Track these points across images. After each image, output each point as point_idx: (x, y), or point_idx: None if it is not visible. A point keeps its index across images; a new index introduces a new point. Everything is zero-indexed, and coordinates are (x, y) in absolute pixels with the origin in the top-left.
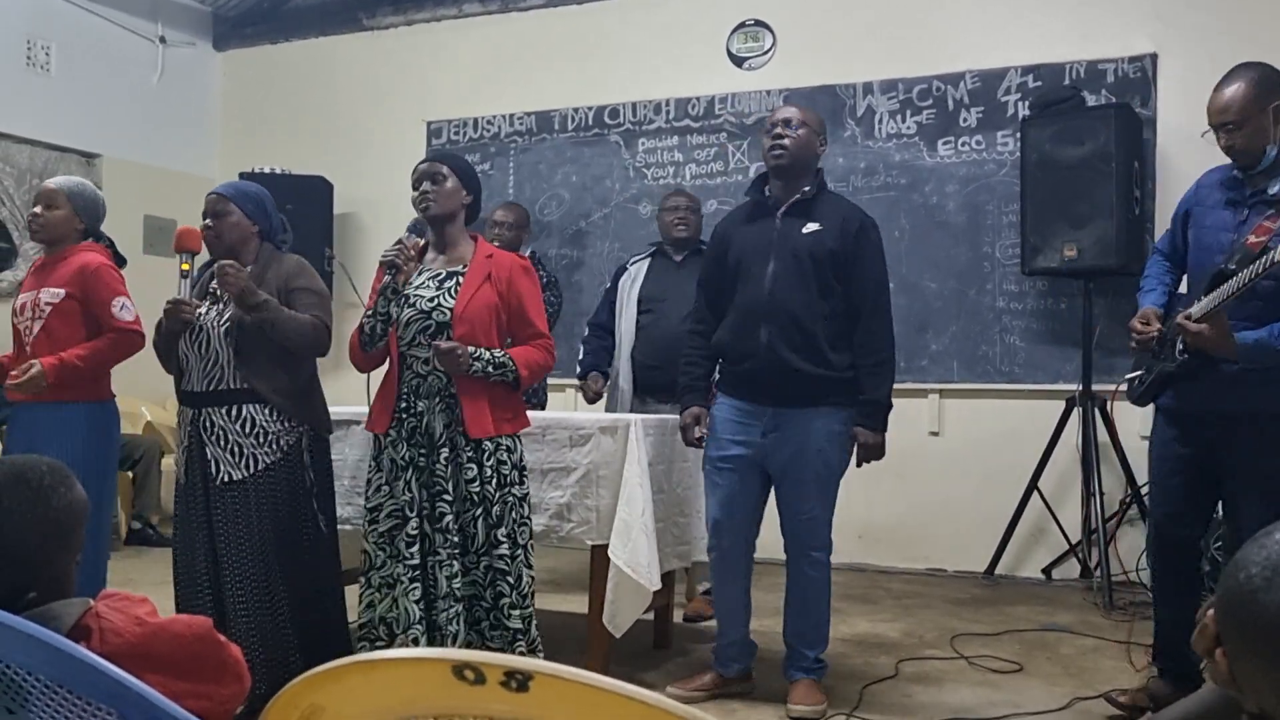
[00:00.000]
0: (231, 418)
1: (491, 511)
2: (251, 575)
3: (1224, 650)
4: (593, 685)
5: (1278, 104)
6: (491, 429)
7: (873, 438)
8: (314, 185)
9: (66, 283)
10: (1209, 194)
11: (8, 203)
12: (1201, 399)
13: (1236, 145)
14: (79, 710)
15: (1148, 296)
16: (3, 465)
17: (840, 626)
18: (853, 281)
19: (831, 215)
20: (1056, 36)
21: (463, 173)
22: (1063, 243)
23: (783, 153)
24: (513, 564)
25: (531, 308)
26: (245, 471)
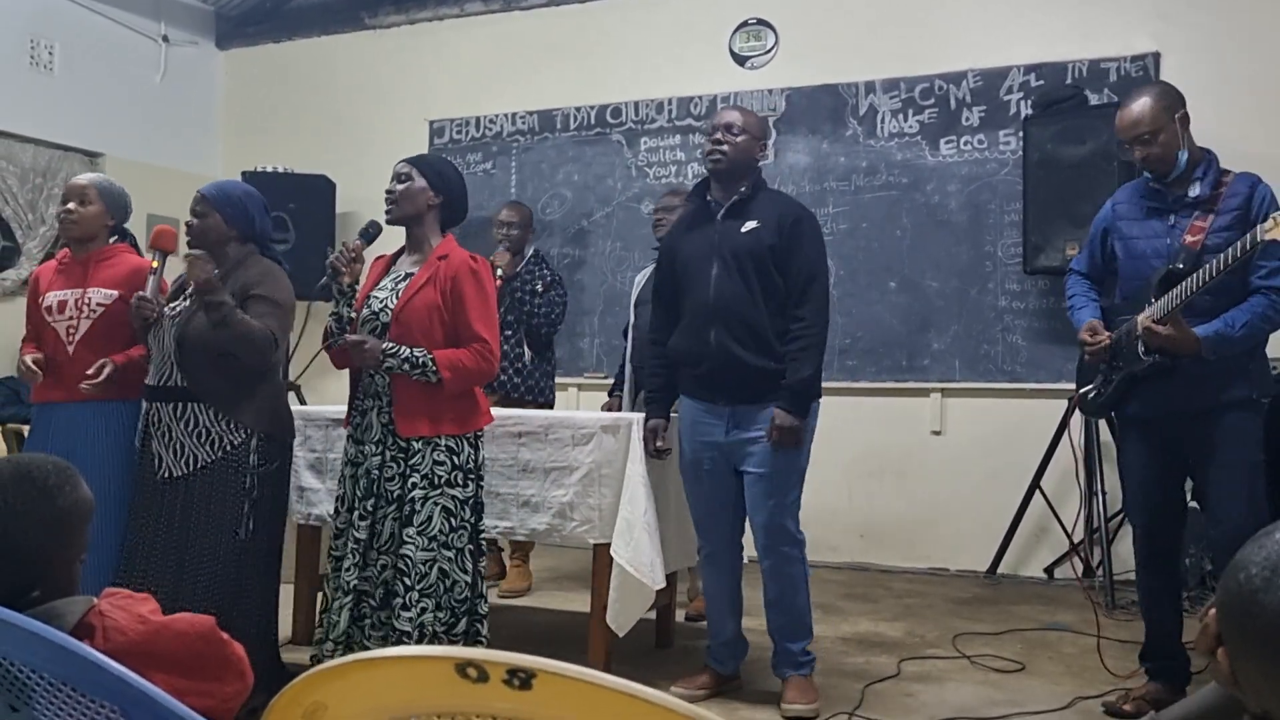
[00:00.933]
0: (176, 415)
1: (404, 510)
2: (168, 572)
3: (1225, 650)
4: (596, 683)
5: (1182, 113)
6: (425, 429)
7: (787, 420)
8: (316, 184)
9: (119, 284)
10: (1129, 208)
11: (11, 202)
12: (1166, 401)
13: (1153, 155)
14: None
15: (1082, 313)
16: (8, 464)
17: (842, 626)
18: (788, 273)
19: (768, 211)
20: (1058, 35)
21: (432, 173)
22: (1065, 242)
23: (721, 158)
24: (423, 566)
25: (472, 311)
26: (185, 469)
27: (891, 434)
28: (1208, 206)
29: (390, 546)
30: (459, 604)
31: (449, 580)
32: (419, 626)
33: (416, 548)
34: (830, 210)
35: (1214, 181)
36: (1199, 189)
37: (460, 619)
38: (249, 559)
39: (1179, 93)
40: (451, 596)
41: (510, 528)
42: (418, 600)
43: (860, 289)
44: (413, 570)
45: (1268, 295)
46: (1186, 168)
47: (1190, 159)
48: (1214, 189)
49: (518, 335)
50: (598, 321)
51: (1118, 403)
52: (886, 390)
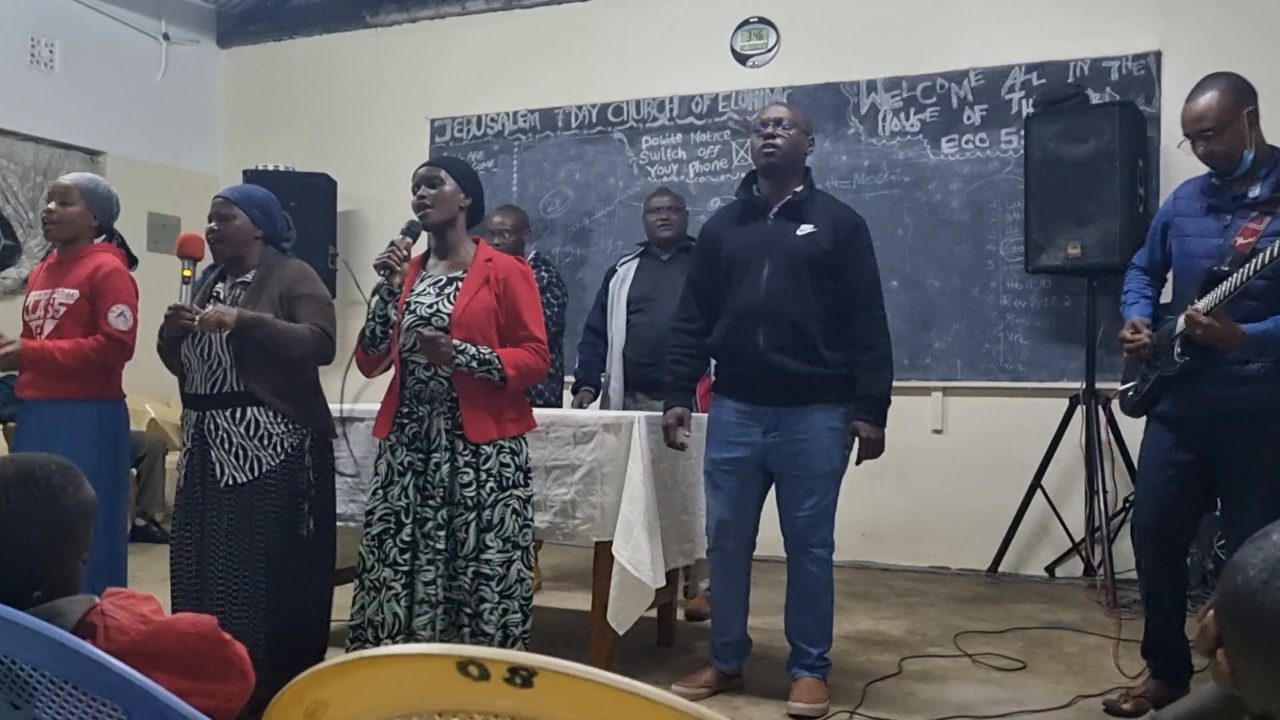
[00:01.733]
0: (235, 420)
1: (483, 516)
2: (234, 579)
3: (1225, 651)
4: (597, 681)
5: (1251, 109)
6: (494, 432)
7: (873, 432)
8: (317, 182)
9: (80, 284)
10: (1189, 204)
11: (12, 200)
12: (1200, 403)
13: (1216, 152)
14: (84, 705)
15: (1132, 309)
16: (12, 463)
17: (843, 624)
18: (846, 280)
19: (824, 216)
20: (1060, 34)
21: (461, 176)
22: (1066, 241)
23: (774, 150)
24: (504, 568)
25: (526, 311)
26: (249, 474)
27: (893, 432)
28: (1266, 208)
29: (474, 554)
30: (525, 601)
31: (524, 580)
32: (503, 628)
33: (496, 551)
34: None
35: (1276, 183)
36: (1260, 189)
37: (529, 616)
38: (312, 557)
39: (1250, 87)
40: (526, 596)
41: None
42: (499, 603)
43: None
44: (495, 575)
45: None
46: (1251, 166)
47: (1256, 157)
48: (1275, 190)
49: None
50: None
51: (1152, 404)
52: None
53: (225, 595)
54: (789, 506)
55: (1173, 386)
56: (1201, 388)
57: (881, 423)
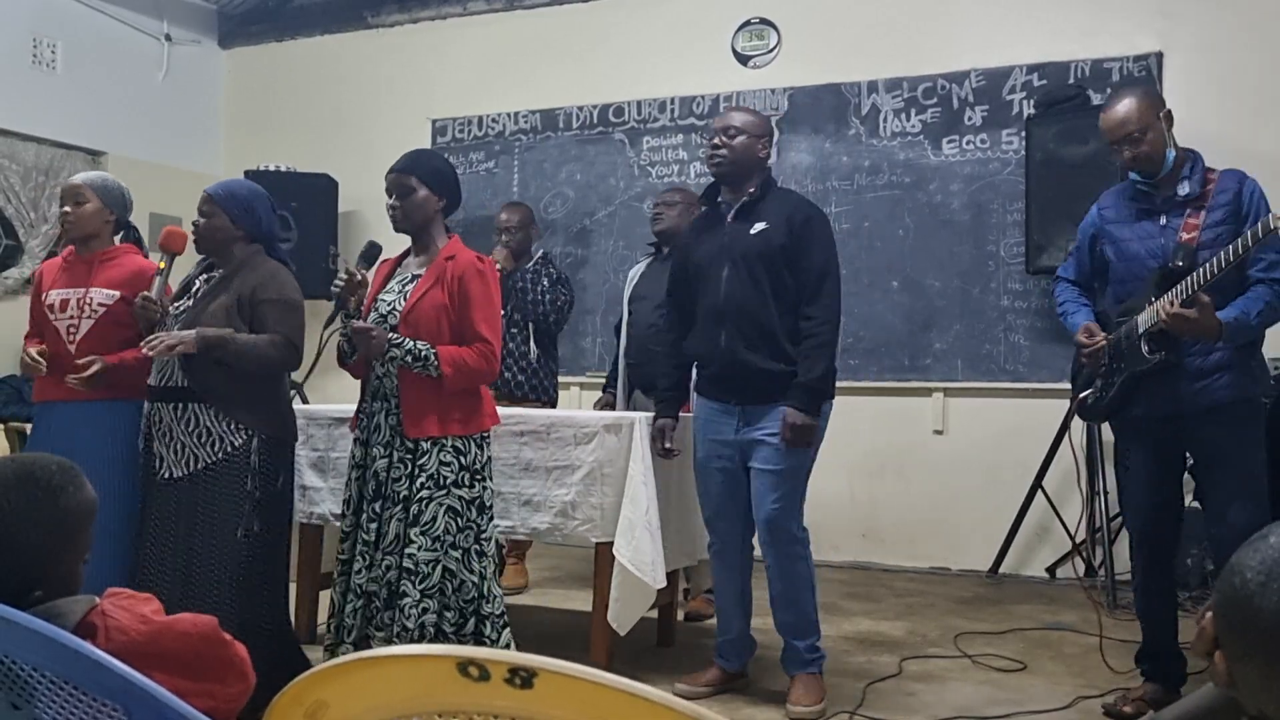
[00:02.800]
0: (178, 415)
1: (410, 510)
2: (166, 572)
3: (1222, 653)
4: (597, 682)
5: (1165, 111)
6: (434, 430)
7: (800, 419)
8: (319, 183)
9: (121, 285)
10: (1117, 212)
11: (13, 200)
12: (1172, 400)
13: (1142, 153)
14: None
15: (1076, 316)
16: (12, 464)
17: (844, 625)
18: (799, 272)
19: (778, 212)
20: (1061, 35)
21: (433, 178)
22: (1067, 241)
23: (721, 161)
24: (426, 567)
25: (477, 310)
26: (185, 469)
27: (893, 433)
28: (1198, 203)
29: (395, 547)
30: (467, 604)
31: (456, 580)
32: (420, 626)
33: (420, 548)
34: (833, 210)
35: (1202, 179)
36: (1188, 187)
37: (469, 619)
38: (253, 558)
39: (1158, 93)
40: (460, 597)
41: (512, 526)
42: (419, 600)
43: (862, 288)
44: (417, 570)
45: (1271, 286)
46: (1174, 166)
47: (1177, 158)
48: (1203, 186)
49: (524, 333)
50: (599, 321)
51: (1120, 406)
52: (888, 390)
53: (156, 589)
54: (758, 501)
55: (1142, 387)
56: (1173, 384)
57: (812, 410)
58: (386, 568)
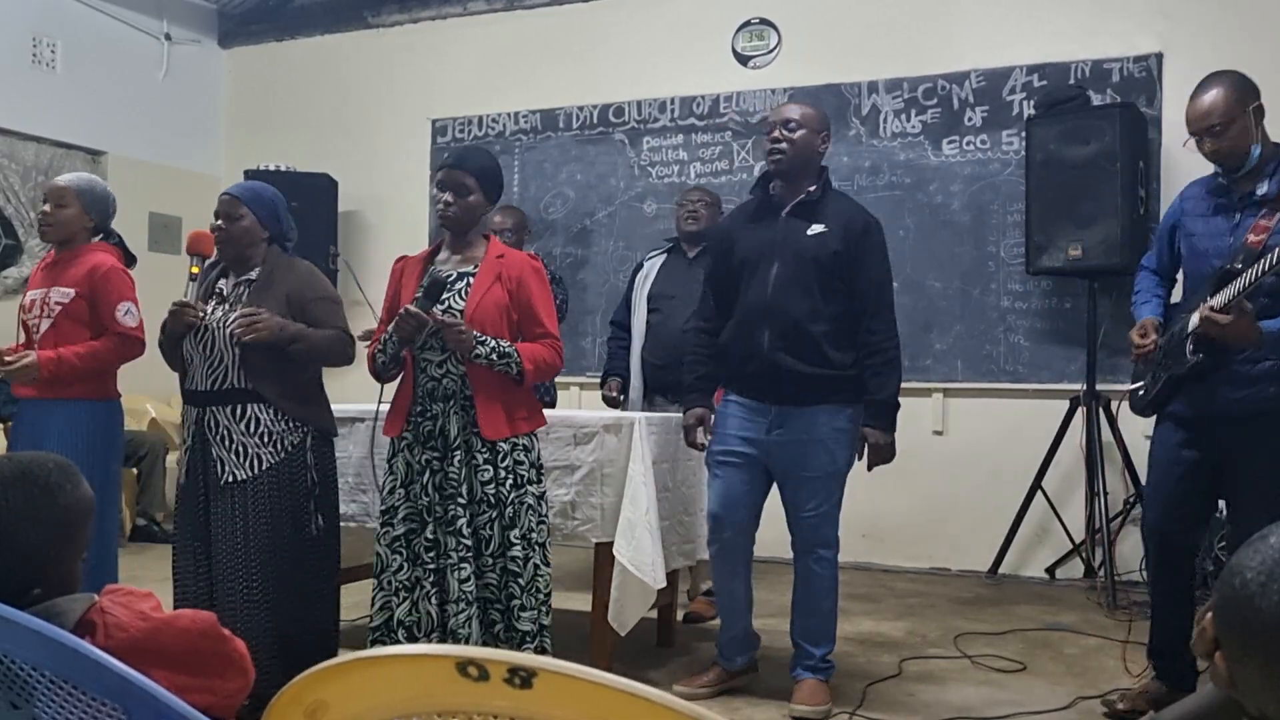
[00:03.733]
0: (236, 417)
1: (505, 513)
2: (241, 576)
3: (1222, 653)
4: (596, 682)
5: (1256, 104)
6: (506, 430)
7: (882, 438)
8: (319, 183)
9: (77, 283)
10: (1196, 204)
11: (13, 200)
12: (1212, 403)
13: (1223, 148)
14: (84, 705)
15: (1143, 309)
16: (10, 462)
17: (844, 625)
18: (856, 282)
19: (836, 216)
20: (1062, 35)
21: (487, 183)
22: (1067, 242)
23: (781, 156)
24: (525, 565)
25: (541, 307)
26: (249, 471)
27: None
28: (1276, 205)
29: (500, 551)
30: (546, 596)
31: (544, 577)
32: (537, 623)
33: (519, 549)
34: None
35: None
36: (1268, 186)
37: (547, 615)
38: (319, 555)
39: (1254, 84)
40: (547, 592)
41: None
42: (523, 602)
43: None
44: (520, 572)
45: None
46: (1258, 163)
47: (1263, 154)
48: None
49: None
50: (599, 321)
51: (1163, 403)
52: None
53: (234, 593)
54: (794, 507)
55: (1184, 386)
56: (1213, 387)
57: (890, 428)
58: (500, 571)
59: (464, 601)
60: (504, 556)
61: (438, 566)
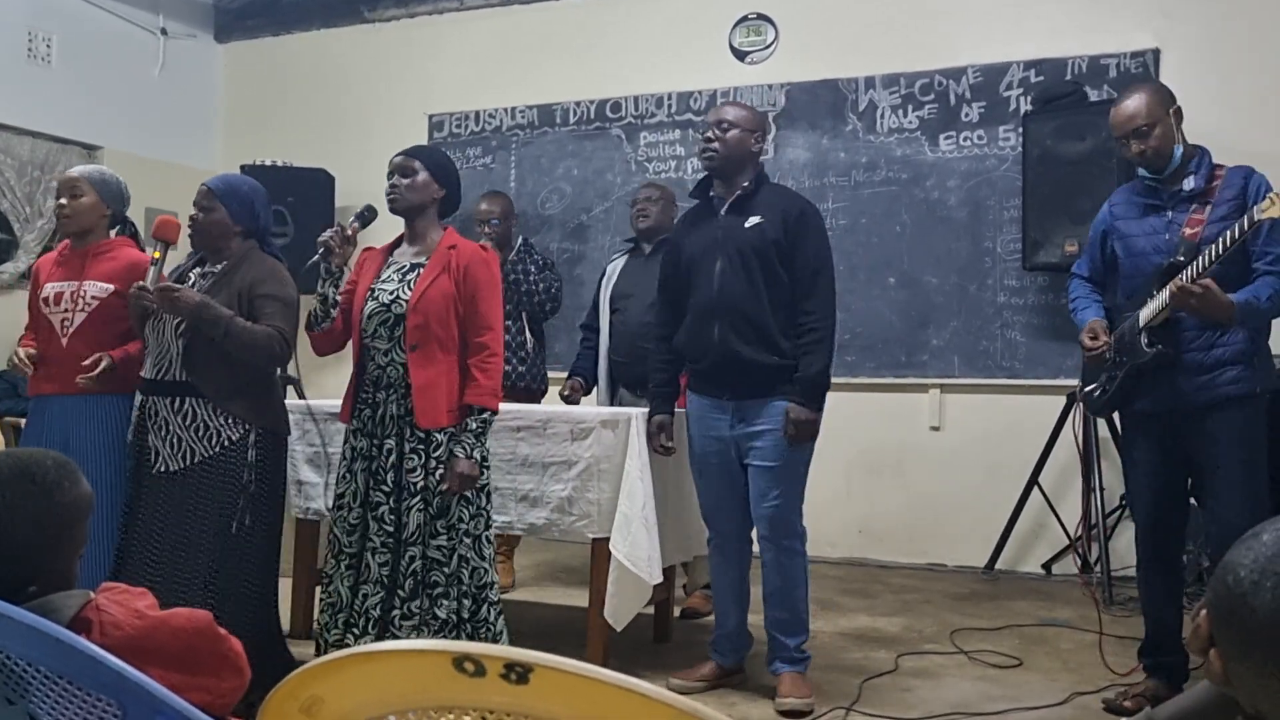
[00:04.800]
0: (174, 409)
1: (431, 503)
2: (150, 565)
3: (1217, 651)
4: (593, 678)
5: (1175, 107)
6: (444, 419)
7: (804, 414)
8: (315, 178)
9: (116, 279)
10: (1126, 208)
11: (9, 195)
12: (1174, 395)
13: (1150, 148)
14: (79, 701)
15: (1085, 313)
16: (8, 459)
17: (840, 621)
18: (794, 267)
19: (771, 206)
20: (1059, 31)
21: (435, 166)
22: (1064, 238)
23: (713, 155)
24: (450, 556)
25: (484, 300)
26: (181, 463)
27: (890, 430)
28: (1204, 199)
29: (418, 539)
30: (479, 590)
31: (469, 567)
32: (454, 614)
33: (445, 538)
34: (830, 206)
35: (1208, 174)
36: (1194, 182)
37: (481, 605)
38: (245, 553)
39: (1169, 90)
40: (474, 582)
41: (508, 522)
42: (446, 589)
43: (859, 285)
44: (443, 560)
45: (1278, 277)
46: (1181, 162)
47: (1184, 154)
48: (1208, 182)
49: (519, 324)
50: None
51: (1123, 400)
52: (885, 386)
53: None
54: (757, 498)
55: (1144, 381)
56: (1172, 379)
57: (816, 406)
58: (411, 558)
59: (379, 584)
60: (424, 544)
61: (359, 551)
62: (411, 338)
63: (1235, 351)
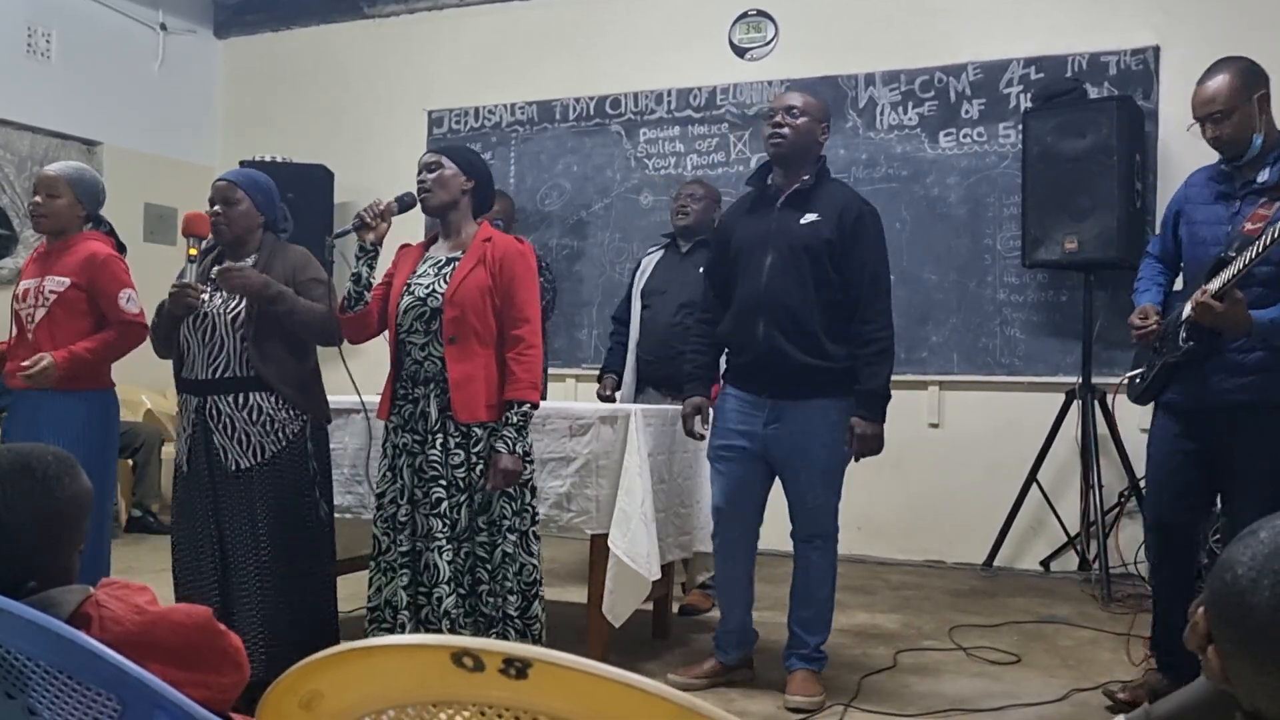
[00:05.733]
0: (238, 406)
1: (475, 498)
2: (257, 563)
3: (1216, 648)
4: (591, 673)
5: (1262, 93)
6: (483, 414)
7: (869, 428)
8: (315, 174)
9: (72, 272)
10: (1199, 192)
11: (8, 190)
12: (1206, 393)
13: (1224, 135)
14: (79, 696)
15: (1143, 295)
16: (8, 454)
17: (839, 617)
18: (850, 271)
19: (830, 204)
20: (1059, 28)
21: (462, 160)
22: (1064, 235)
23: (781, 140)
24: (492, 551)
25: (521, 292)
26: (253, 460)
27: (889, 426)
28: (1275, 193)
29: (468, 534)
30: (528, 587)
31: (516, 564)
32: (499, 610)
33: (486, 534)
34: None
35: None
36: (1268, 174)
37: (532, 603)
38: (321, 542)
39: (1262, 72)
40: (521, 580)
41: None
42: (491, 586)
43: None
44: (489, 557)
45: None
46: (1260, 151)
47: (1265, 142)
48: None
49: None
50: (596, 313)
51: (1158, 391)
52: None
53: (247, 579)
54: (795, 498)
55: (1179, 375)
56: (1206, 376)
57: (879, 419)
58: (466, 555)
59: (444, 582)
60: (471, 541)
61: (412, 548)
62: (448, 330)
63: (1270, 358)
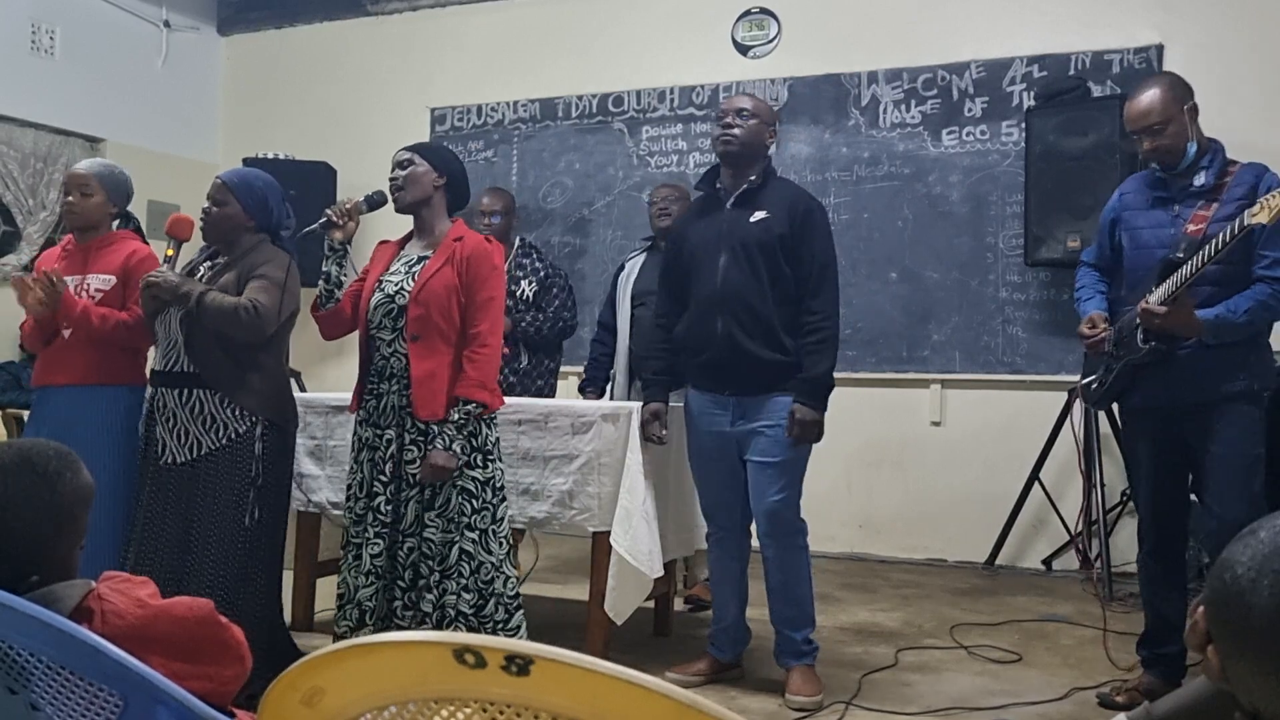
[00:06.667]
0: (182, 400)
1: (425, 493)
2: (160, 560)
3: (1215, 648)
4: (593, 670)
5: (1191, 104)
6: (442, 412)
7: (809, 414)
8: (317, 171)
9: (117, 270)
10: (1135, 198)
11: (12, 186)
12: (1166, 392)
13: (1162, 146)
14: (81, 690)
15: (1088, 304)
16: (10, 450)
17: (840, 615)
18: (801, 264)
19: (778, 201)
20: (1062, 26)
21: (433, 157)
22: (1066, 234)
23: (732, 140)
24: (446, 548)
25: (480, 292)
26: (188, 455)
27: (891, 425)
28: (1212, 195)
29: (414, 529)
30: (485, 585)
31: (474, 562)
32: (440, 608)
33: (436, 530)
34: (832, 200)
35: (1219, 170)
36: (1204, 178)
37: (488, 600)
38: (253, 545)
39: (1187, 84)
40: (478, 579)
41: (509, 515)
42: (439, 582)
43: (861, 279)
44: (435, 553)
45: (1270, 284)
46: (1194, 157)
47: (1199, 149)
48: (1219, 178)
49: (512, 336)
50: (598, 311)
51: (1120, 393)
52: (886, 381)
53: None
54: (757, 494)
55: (1140, 376)
56: (1167, 374)
57: (820, 406)
58: (409, 550)
59: (373, 575)
60: (417, 536)
61: (360, 540)
62: (412, 328)
63: (1233, 350)
